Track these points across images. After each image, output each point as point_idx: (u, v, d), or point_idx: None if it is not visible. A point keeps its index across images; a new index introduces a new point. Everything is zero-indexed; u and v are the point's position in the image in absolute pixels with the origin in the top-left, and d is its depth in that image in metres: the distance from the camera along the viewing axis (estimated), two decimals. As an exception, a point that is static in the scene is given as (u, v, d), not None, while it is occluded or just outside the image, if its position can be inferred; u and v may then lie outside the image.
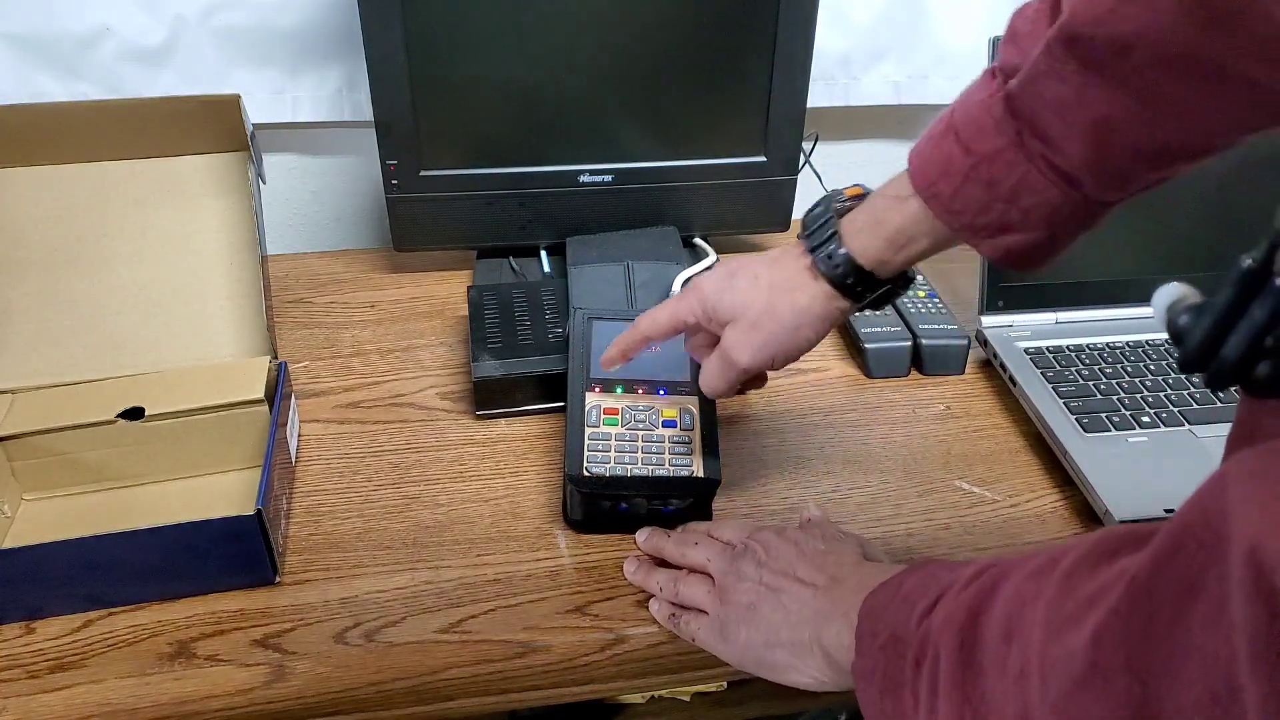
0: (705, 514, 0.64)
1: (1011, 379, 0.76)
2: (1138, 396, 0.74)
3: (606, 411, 0.63)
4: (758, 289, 0.55)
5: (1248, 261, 0.35)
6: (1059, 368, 0.77)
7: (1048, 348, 0.79)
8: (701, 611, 0.55)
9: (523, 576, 0.61)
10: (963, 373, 0.80)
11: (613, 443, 0.61)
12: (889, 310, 0.83)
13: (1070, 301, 0.82)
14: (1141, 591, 0.32)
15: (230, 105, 0.70)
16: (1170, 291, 0.38)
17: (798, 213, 0.94)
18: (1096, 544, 0.37)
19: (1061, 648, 0.34)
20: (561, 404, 0.74)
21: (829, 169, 1.09)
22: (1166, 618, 0.30)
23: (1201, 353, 0.36)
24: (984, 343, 0.81)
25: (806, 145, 0.97)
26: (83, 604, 0.57)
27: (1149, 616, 0.31)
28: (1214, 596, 0.29)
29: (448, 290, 0.92)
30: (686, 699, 0.76)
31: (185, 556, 0.56)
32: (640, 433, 0.62)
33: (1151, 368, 0.77)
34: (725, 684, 0.71)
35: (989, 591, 0.40)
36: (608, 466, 0.60)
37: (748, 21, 0.82)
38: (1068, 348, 0.79)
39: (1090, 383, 0.75)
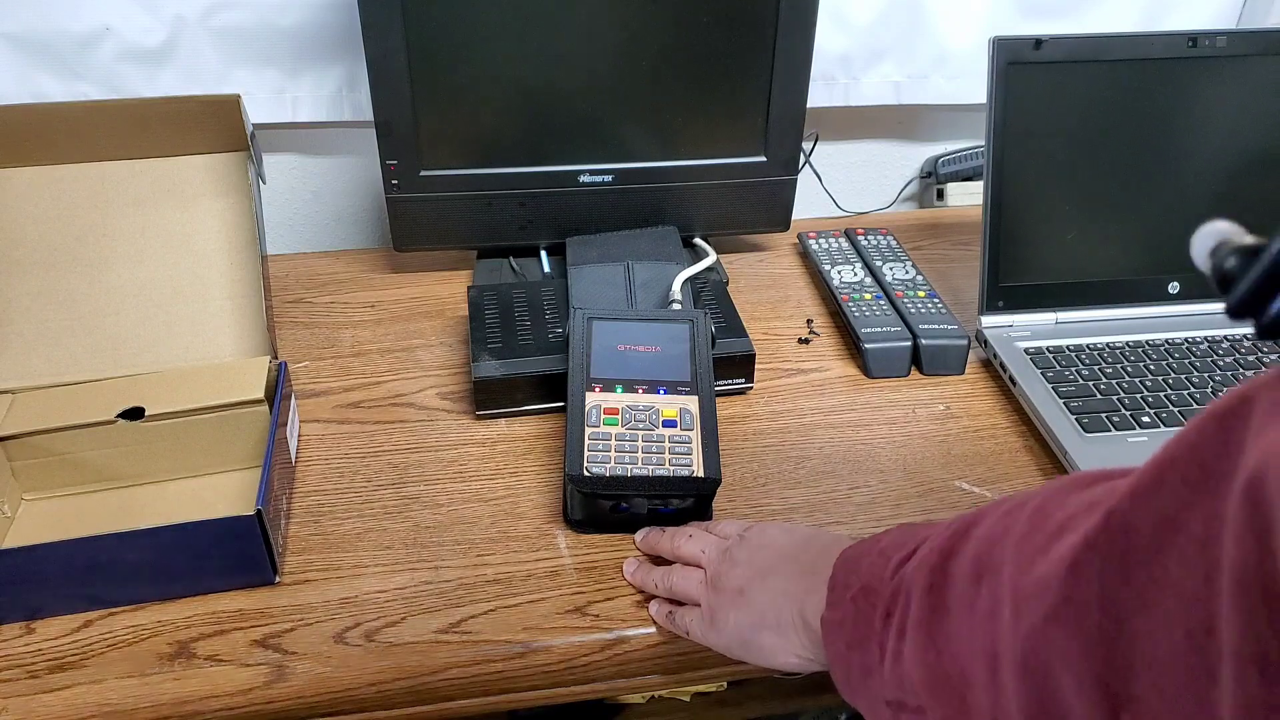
0: (705, 514, 0.64)
1: (1011, 379, 0.76)
2: (1138, 396, 0.74)
3: (607, 411, 0.63)
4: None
5: None
6: (1059, 368, 0.77)
7: (1048, 348, 0.79)
8: (696, 605, 0.55)
9: (523, 576, 0.61)
10: (963, 373, 0.80)
11: (613, 442, 0.61)
12: (889, 310, 0.83)
13: (1070, 301, 0.82)
14: (1119, 524, 0.31)
15: (230, 105, 0.71)
16: (1215, 231, 0.34)
17: (798, 213, 0.95)
18: (1070, 479, 0.37)
19: (1032, 579, 0.34)
20: (561, 404, 0.74)
21: (829, 169, 1.10)
22: (1143, 553, 0.30)
23: (1252, 301, 0.34)
24: (984, 343, 0.81)
25: (806, 145, 0.97)
26: (82, 604, 0.57)
27: (1125, 551, 0.31)
28: (1196, 535, 0.28)
29: (448, 290, 0.92)
30: (686, 699, 0.76)
31: (185, 556, 0.56)
32: (640, 432, 0.62)
33: (1151, 368, 0.77)
34: (725, 684, 0.72)
35: (962, 535, 0.40)
36: (608, 466, 0.60)
37: (748, 21, 0.82)
38: (1068, 348, 0.79)
39: (1090, 383, 0.75)
